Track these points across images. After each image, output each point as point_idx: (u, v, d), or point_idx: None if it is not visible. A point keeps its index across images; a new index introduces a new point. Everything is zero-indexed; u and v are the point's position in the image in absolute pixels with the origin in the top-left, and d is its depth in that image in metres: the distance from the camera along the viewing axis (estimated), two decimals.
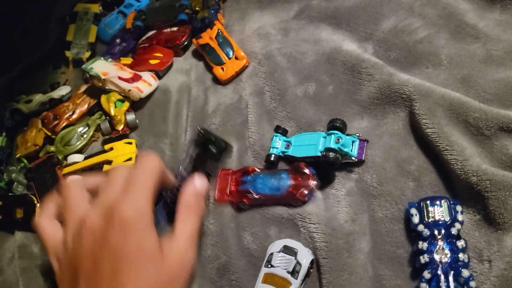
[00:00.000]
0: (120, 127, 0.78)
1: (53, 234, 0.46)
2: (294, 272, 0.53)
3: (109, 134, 0.79)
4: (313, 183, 0.58)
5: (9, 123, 0.87)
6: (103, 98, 0.81)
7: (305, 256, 0.54)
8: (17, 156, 0.83)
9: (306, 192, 0.57)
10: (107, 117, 0.80)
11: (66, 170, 0.77)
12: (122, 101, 0.80)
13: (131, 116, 0.78)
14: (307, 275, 0.54)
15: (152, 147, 0.75)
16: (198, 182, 0.47)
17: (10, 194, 0.79)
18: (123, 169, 0.46)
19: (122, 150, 0.76)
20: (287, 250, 0.55)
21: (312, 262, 0.55)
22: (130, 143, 0.76)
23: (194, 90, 0.77)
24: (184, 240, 0.44)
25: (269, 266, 0.54)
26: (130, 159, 0.74)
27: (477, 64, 0.61)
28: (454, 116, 0.57)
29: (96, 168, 0.75)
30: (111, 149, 0.76)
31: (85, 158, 0.77)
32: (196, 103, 0.76)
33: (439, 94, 0.58)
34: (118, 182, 0.44)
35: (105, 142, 0.80)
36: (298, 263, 0.54)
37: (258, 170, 0.62)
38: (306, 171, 0.59)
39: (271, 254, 0.55)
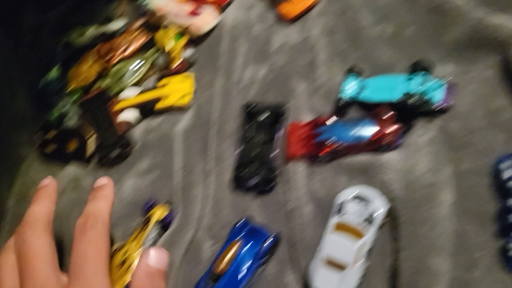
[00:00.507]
0: (176, 64, 0.75)
1: None
2: (367, 222, 0.49)
3: (164, 70, 0.76)
4: (398, 126, 0.53)
5: (62, 56, 0.85)
6: (159, 33, 0.78)
7: (380, 205, 0.51)
8: (70, 89, 0.81)
9: (394, 136, 0.53)
10: (163, 53, 0.76)
11: (118, 106, 0.74)
12: (180, 36, 0.76)
13: (188, 53, 0.74)
14: (381, 225, 0.51)
15: (208, 83, 0.71)
16: (152, 258, 0.39)
17: (62, 127, 0.78)
18: None
19: (176, 87, 0.72)
20: (360, 198, 0.51)
21: (387, 212, 0.51)
22: (187, 78, 0.73)
23: (256, 27, 0.73)
24: None
25: (340, 214, 0.51)
26: (185, 96, 0.71)
27: None
28: None
29: (149, 105, 0.72)
30: (165, 85, 0.73)
31: (139, 93, 0.75)
32: (258, 41, 0.71)
33: None
34: None
35: (159, 78, 0.76)
36: (372, 212, 0.50)
37: (332, 120, 0.57)
38: (389, 114, 0.54)
39: (343, 202, 0.52)
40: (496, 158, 0.49)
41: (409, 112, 0.53)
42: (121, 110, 0.74)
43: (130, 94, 0.75)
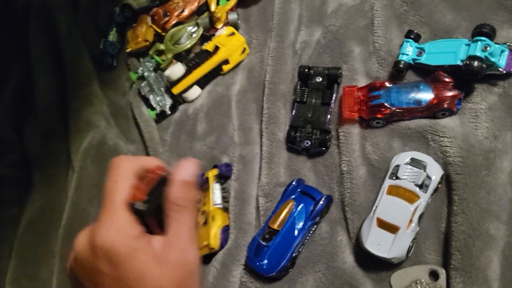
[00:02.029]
0: (220, 26, 0.75)
1: None
2: (423, 186, 0.50)
3: (208, 30, 0.77)
4: (457, 91, 0.52)
5: (120, 18, 0.88)
6: None
7: (435, 171, 0.51)
8: (128, 50, 0.84)
9: (453, 101, 0.52)
10: (207, 14, 0.77)
11: (181, 85, 0.73)
12: None
13: (233, 16, 0.75)
14: (435, 190, 0.51)
15: (259, 45, 0.72)
16: (183, 172, 0.40)
17: None
18: None
19: (231, 44, 0.72)
20: (415, 162, 0.51)
21: (441, 177, 0.51)
22: (233, 33, 0.73)
23: None
24: (182, 242, 0.39)
25: (395, 178, 0.51)
26: (244, 49, 0.72)
27: None
28: None
29: (216, 70, 0.73)
30: (217, 48, 0.72)
31: (192, 66, 0.72)
32: (313, 3, 0.71)
33: None
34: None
35: (202, 41, 0.78)
36: (427, 176, 0.50)
37: (388, 84, 0.57)
38: (447, 79, 0.53)
39: (397, 166, 0.52)
40: None
41: (472, 76, 0.52)
42: (187, 89, 0.73)
43: (180, 70, 0.72)
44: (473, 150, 0.50)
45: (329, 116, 0.60)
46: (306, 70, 0.63)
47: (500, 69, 0.52)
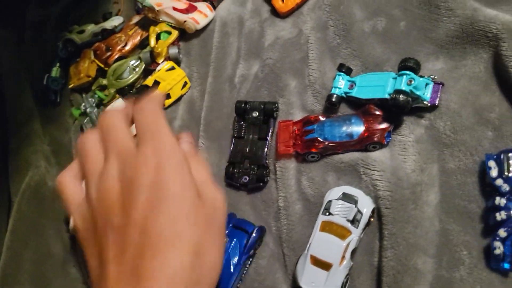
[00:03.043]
0: (160, 60, 0.75)
1: (75, 191, 0.39)
2: (354, 221, 0.50)
3: (149, 65, 0.76)
4: (387, 124, 0.53)
5: (63, 53, 0.86)
6: (151, 29, 0.78)
7: (366, 205, 0.51)
8: (70, 86, 0.82)
9: (383, 134, 0.53)
10: (148, 49, 0.77)
11: None
12: (169, 33, 0.76)
13: (173, 50, 0.75)
14: (367, 224, 0.51)
15: (200, 78, 0.72)
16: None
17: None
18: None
19: (171, 79, 0.71)
20: (346, 197, 0.52)
21: (373, 211, 0.51)
22: (173, 67, 0.73)
23: (249, 22, 0.72)
24: (210, 181, 0.37)
25: (327, 213, 0.51)
26: (185, 83, 0.72)
27: None
28: None
29: None
30: (157, 82, 0.72)
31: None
32: (251, 36, 0.71)
33: None
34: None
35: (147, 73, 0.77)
36: (358, 211, 0.50)
37: (322, 118, 0.57)
38: (378, 112, 0.54)
39: (330, 201, 0.52)
40: (484, 156, 0.49)
41: (398, 109, 0.53)
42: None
43: (119, 106, 0.72)
44: (401, 184, 0.50)
45: (266, 151, 0.60)
46: (243, 105, 0.63)
47: (425, 102, 0.53)
